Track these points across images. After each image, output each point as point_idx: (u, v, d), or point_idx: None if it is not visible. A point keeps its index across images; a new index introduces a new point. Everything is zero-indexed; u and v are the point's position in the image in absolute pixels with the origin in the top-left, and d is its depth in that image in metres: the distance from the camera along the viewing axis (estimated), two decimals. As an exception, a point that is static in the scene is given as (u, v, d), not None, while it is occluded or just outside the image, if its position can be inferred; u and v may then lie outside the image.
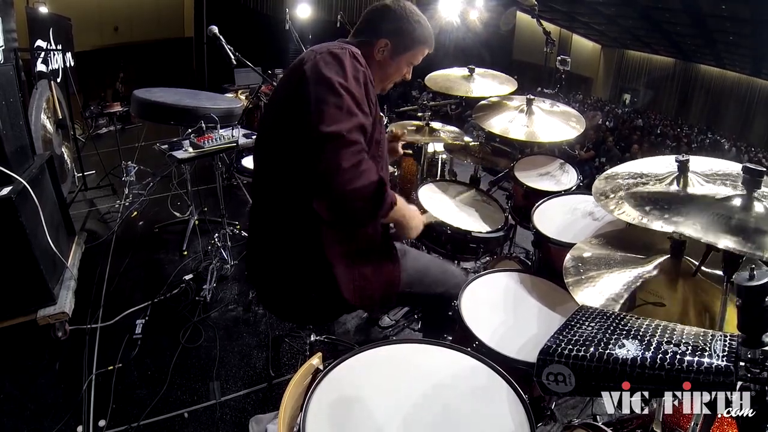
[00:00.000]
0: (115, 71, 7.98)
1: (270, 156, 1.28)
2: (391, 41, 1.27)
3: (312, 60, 1.13)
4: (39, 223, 2.09)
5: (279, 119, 1.22)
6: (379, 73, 1.32)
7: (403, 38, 1.29)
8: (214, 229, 2.80)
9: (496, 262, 2.13)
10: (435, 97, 3.57)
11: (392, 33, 1.28)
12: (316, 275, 1.26)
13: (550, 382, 0.64)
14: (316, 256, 1.24)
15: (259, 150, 1.35)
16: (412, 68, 1.40)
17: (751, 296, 0.57)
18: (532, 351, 1.17)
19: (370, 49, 1.28)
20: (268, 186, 1.30)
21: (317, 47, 1.20)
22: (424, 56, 1.37)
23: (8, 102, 2.13)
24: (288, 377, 1.96)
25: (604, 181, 1.30)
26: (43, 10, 3.80)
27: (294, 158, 1.16)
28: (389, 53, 1.29)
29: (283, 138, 1.20)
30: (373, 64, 1.29)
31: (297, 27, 3.10)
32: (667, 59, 13.69)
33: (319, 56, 1.13)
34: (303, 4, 4.29)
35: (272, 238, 1.32)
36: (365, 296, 1.31)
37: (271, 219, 1.31)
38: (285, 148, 1.19)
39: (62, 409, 1.81)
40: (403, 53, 1.31)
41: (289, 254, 1.28)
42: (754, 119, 12.06)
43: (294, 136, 1.12)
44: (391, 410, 0.92)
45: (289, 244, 1.27)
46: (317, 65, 1.11)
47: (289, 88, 1.17)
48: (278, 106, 1.24)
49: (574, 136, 2.03)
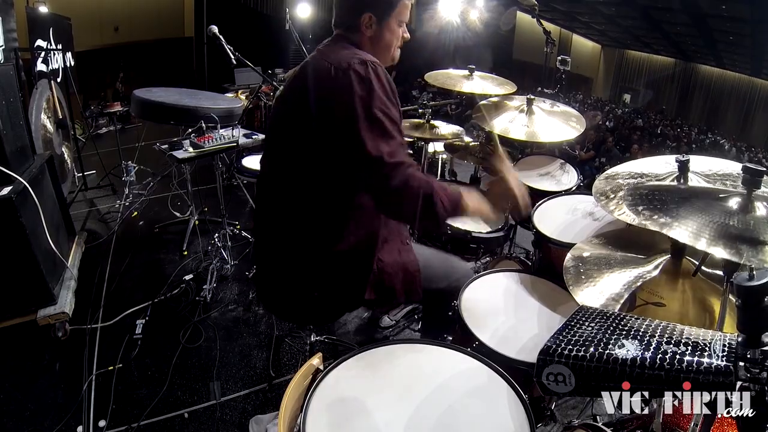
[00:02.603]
0: (115, 71, 7.98)
1: (280, 158, 1.29)
2: (372, 12, 1.25)
3: (344, 77, 1.12)
4: (39, 223, 2.09)
5: (299, 128, 1.21)
6: (378, 46, 1.30)
7: (381, 2, 1.26)
8: (215, 229, 2.79)
9: (496, 262, 2.13)
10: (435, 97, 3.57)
11: (369, 4, 1.25)
12: (320, 273, 1.27)
13: (550, 383, 0.64)
14: (320, 254, 1.24)
15: (270, 154, 1.36)
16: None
17: (751, 296, 0.57)
18: (532, 351, 1.17)
19: (358, 30, 1.27)
20: (276, 186, 1.31)
21: (332, 57, 1.17)
22: (409, 9, 1.34)
23: (8, 102, 2.12)
24: (288, 377, 1.97)
25: (604, 181, 1.30)
26: (43, 10, 3.79)
27: (306, 163, 1.19)
28: (376, 23, 1.27)
29: (295, 144, 1.21)
30: (368, 41, 1.28)
31: (297, 27, 3.09)
32: (667, 59, 13.69)
33: (351, 74, 1.12)
34: (303, 4, 4.28)
35: (276, 237, 1.32)
36: (385, 288, 1.32)
37: (276, 218, 1.31)
38: (297, 154, 1.21)
39: (62, 409, 1.81)
40: (389, 16, 1.28)
41: (293, 253, 1.28)
42: (754, 119, 12.07)
43: (309, 143, 1.16)
44: (391, 410, 0.93)
45: (293, 242, 1.27)
46: (351, 84, 1.10)
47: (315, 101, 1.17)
48: (298, 115, 1.23)
49: (575, 136, 2.03)
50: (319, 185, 1.21)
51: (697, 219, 0.84)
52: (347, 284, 1.29)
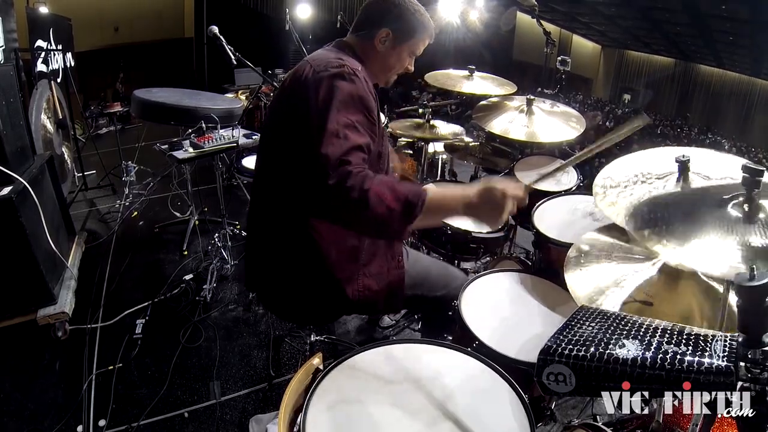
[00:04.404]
0: (115, 71, 7.98)
1: (271, 159, 1.30)
2: (392, 31, 1.27)
3: (314, 80, 1.13)
4: (39, 223, 2.09)
5: (281, 127, 1.23)
6: (382, 64, 1.32)
7: (404, 27, 1.28)
8: (215, 229, 2.80)
9: (496, 262, 2.13)
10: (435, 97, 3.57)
11: (393, 22, 1.27)
12: (318, 275, 1.27)
13: (551, 382, 0.64)
14: (317, 255, 1.24)
15: (261, 152, 1.36)
16: (414, 62, 1.39)
17: (751, 296, 0.57)
18: (532, 351, 1.16)
19: (371, 40, 1.28)
20: (270, 186, 1.31)
21: (316, 61, 1.19)
22: (425, 46, 1.36)
23: (8, 102, 2.13)
24: (288, 377, 1.96)
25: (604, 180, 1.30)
26: (44, 11, 3.79)
27: (295, 164, 1.18)
28: (390, 43, 1.28)
29: (284, 144, 1.22)
30: (375, 55, 1.29)
31: (297, 27, 3.09)
32: (667, 59, 13.68)
33: (323, 76, 1.12)
34: (303, 4, 4.28)
35: (273, 237, 1.32)
36: (368, 299, 1.31)
37: (272, 219, 1.31)
38: (286, 154, 1.21)
39: (62, 409, 1.81)
40: (405, 42, 1.30)
41: (290, 254, 1.28)
42: (754, 119, 12.06)
43: (295, 145, 1.15)
44: (391, 410, 0.93)
45: (290, 243, 1.27)
46: (318, 88, 1.10)
47: (291, 100, 1.19)
48: (281, 114, 1.26)
49: (575, 137, 2.03)
50: (299, 186, 1.19)
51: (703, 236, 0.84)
52: (334, 288, 1.29)
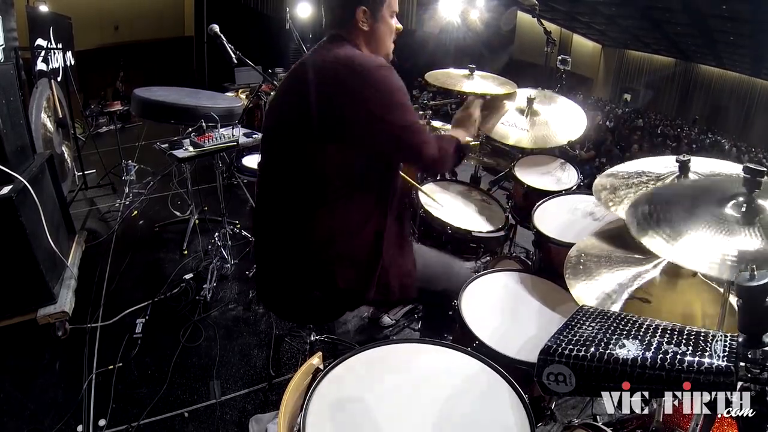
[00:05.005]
0: (115, 70, 7.98)
1: (279, 158, 1.29)
2: (366, 5, 1.25)
3: (360, 77, 1.16)
4: (39, 223, 2.09)
5: (295, 126, 1.22)
6: (376, 40, 1.31)
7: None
8: (215, 229, 2.80)
9: (496, 261, 2.13)
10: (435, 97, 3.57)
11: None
12: (320, 273, 1.27)
13: (551, 382, 0.64)
14: (321, 253, 1.24)
15: (266, 153, 1.36)
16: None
17: (751, 296, 0.57)
18: (532, 351, 1.16)
19: (354, 26, 1.27)
20: (275, 184, 1.31)
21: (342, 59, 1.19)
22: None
23: (8, 101, 2.12)
24: (288, 377, 1.97)
25: (604, 180, 1.30)
26: (44, 9, 3.78)
27: (304, 158, 1.19)
28: (371, 17, 1.27)
29: (295, 144, 1.22)
30: (365, 36, 1.28)
31: (297, 26, 3.09)
32: (667, 59, 13.69)
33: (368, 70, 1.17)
34: (303, 4, 4.28)
35: (276, 236, 1.32)
36: (384, 289, 1.31)
37: (276, 217, 1.31)
38: (296, 154, 1.21)
39: (62, 408, 1.81)
40: (381, 7, 1.28)
41: (293, 252, 1.28)
42: (754, 119, 12.06)
43: (310, 143, 1.17)
44: (391, 410, 0.92)
45: (293, 241, 1.27)
46: (374, 84, 1.17)
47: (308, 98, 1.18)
48: (294, 114, 1.25)
49: (576, 137, 2.03)
50: (321, 185, 1.20)
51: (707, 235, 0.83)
52: (351, 284, 1.29)
